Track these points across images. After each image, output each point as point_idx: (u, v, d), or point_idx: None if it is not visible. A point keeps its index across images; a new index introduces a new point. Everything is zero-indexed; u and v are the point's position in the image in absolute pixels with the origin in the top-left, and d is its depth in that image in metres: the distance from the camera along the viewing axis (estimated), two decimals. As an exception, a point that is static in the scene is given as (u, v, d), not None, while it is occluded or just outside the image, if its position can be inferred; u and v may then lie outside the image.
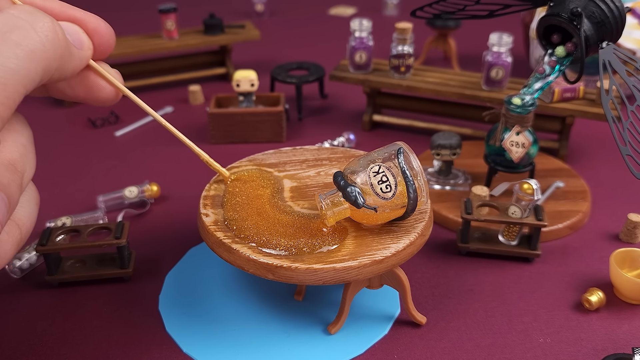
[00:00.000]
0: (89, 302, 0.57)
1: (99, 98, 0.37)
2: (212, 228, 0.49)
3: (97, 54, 0.37)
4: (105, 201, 0.71)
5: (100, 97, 0.37)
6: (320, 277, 0.45)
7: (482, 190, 0.67)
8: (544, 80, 0.63)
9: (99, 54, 0.37)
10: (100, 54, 0.37)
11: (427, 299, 0.58)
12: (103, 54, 0.37)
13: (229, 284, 0.59)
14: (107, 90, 0.37)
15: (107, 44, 0.37)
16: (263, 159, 0.59)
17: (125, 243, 0.58)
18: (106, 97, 0.37)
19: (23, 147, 0.32)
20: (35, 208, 0.34)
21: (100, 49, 0.36)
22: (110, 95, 0.38)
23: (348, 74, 0.88)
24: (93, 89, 0.37)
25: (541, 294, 0.58)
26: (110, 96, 0.38)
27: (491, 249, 0.63)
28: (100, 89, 0.37)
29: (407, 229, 0.49)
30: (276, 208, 0.51)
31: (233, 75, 0.87)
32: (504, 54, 0.80)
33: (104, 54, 0.37)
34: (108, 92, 0.37)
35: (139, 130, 0.92)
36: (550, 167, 0.77)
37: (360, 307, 0.56)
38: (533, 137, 0.66)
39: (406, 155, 0.47)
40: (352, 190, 0.45)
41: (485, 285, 0.60)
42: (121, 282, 0.60)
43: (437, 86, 0.84)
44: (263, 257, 0.45)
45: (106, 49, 0.37)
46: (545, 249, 0.65)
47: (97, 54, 0.37)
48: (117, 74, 0.38)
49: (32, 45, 0.29)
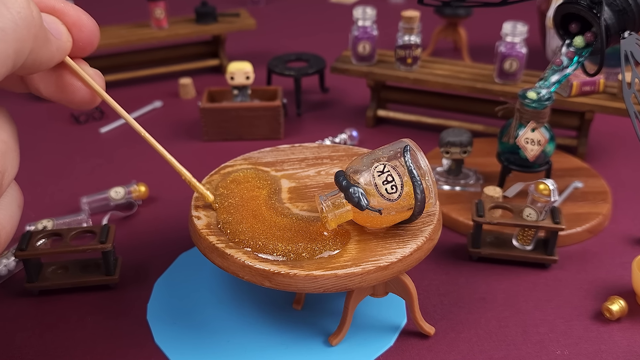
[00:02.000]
0: (71, 311, 0.57)
1: (73, 100, 0.36)
2: (205, 232, 0.49)
3: (76, 50, 0.35)
4: (89, 203, 0.71)
5: (75, 99, 0.36)
6: (321, 285, 0.45)
7: (494, 191, 0.67)
8: (561, 73, 0.63)
9: (78, 51, 0.36)
10: (80, 51, 0.36)
11: (436, 308, 0.58)
12: (83, 51, 0.36)
13: (223, 292, 0.59)
14: (82, 93, 0.36)
15: (88, 39, 0.35)
16: (259, 157, 0.59)
17: (110, 248, 0.58)
18: (81, 100, 0.36)
19: (4, 144, 0.31)
20: (17, 211, 0.34)
21: (80, 44, 0.35)
22: (85, 98, 0.36)
23: (350, 66, 0.88)
24: (67, 90, 0.36)
25: (558, 303, 0.58)
26: (85, 99, 0.36)
27: (504, 254, 0.63)
28: (75, 90, 0.36)
29: (414, 233, 0.49)
30: (273, 210, 0.51)
31: (227, 68, 0.87)
32: (518, 44, 0.80)
33: (84, 51, 0.36)
34: (83, 95, 0.36)
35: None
36: (568, 166, 0.77)
37: (364, 316, 0.56)
38: (549, 134, 0.66)
39: (413, 154, 0.47)
40: (354, 191, 0.46)
41: (498, 293, 0.60)
42: (107, 290, 0.60)
43: (447, 79, 0.84)
44: (259, 263, 0.45)
45: (87, 46, 0.36)
46: (563, 254, 0.65)
47: (76, 51, 0.35)
48: (97, 75, 0.37)
49: (2, 23, 0.28)
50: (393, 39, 0.89)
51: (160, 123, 0.93)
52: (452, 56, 1.14)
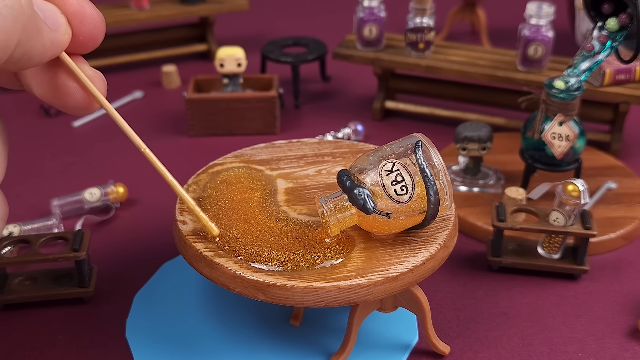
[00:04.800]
0: (41, 328, 0.57)
1: (67, 104, 0.35)
2: (191, 238, 0.49)
3: (76, 45, 0.34)
4: (61, 205, 0.71)
5: (69, 102, 0.35)
6: (322, 298, 0.45)
7: (517, 192, 0.67)
8: (592, 60, 0.63)
9: (77, 46, 0.34)
10: (80, 46, 0.34)
11: (451, 324, 0.58)
12: (83, 47, 0.34)
13: (211, 306, 0.59)
14: (78, 96, 0.35)
15: (90, 33, 0.34)
16: (252, 154, 0.59)
17: (85, 256, 0.58)
18: (75, 104, 0.35)
19: None
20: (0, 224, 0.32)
21: (80, 39, 0.34)
22: (81, 102, 0.35)
23: (355, 51, 0.88)
24: (61, 91, 0.34)
25: (589, 319, 0.58)
26: (80, 103, 0.35)
27: (529, 263, 0.63)
28: (70, 93, 0.35)
29: (427, 240, 0.49)
30: (268, 214, 0.51)
31: (216, 54, 0.87)
32: (544, 27, 0.80)
33: (85, 46, 0.34)
34: (78, 99, 0.35)
35: (101, 120, 0.92)
36: (600, 164, 0.77)
37: (370, 334, 0.56)
38: (579, 128, 0.66)
39: (426, 150, 0.47)
40: (360, 192, 0.45)
41: (521, 307, 0.60)
42: (80, 303, 0.60)
43: (463, 66, 0.84)
44: (252, 274, 0.45)
45: (88, 41, 0.34)
46: (594, 264, 0.65)
47: (75, 46, 0.34)
48: (97, 77, 0.36)
49: None
50: (403, 21, 0.89)
51: (140, 116, 0.93)
52: (469, 40, 1.14)
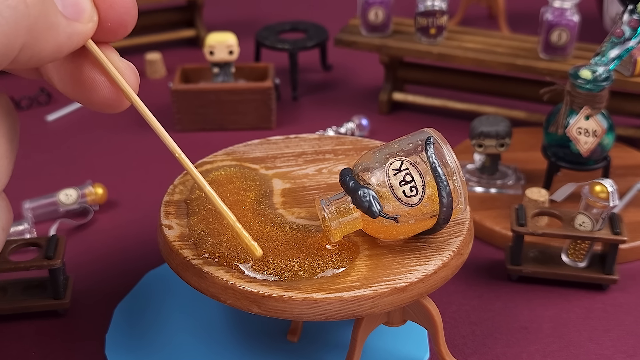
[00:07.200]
0: (11, 343, 0.57)
1: (92, 100, 0.34)
2: (177, 245, 0.49)
3: (103, 33, 0.33)
4: (33, 209, 0.71)
5: (95, 98, 0.34)
6: (323, 311, 0.45)
7: (539, 193, 0.67)
8: (622, 47, 0.63)
9: (105, 34, 0.33)
10: (108, 34, 0.33)
11: (466, 339, 0.58)
12: (112, 35, 0.33)
13: (200, 320, 0.59)
14: (105, 92, 0.34)
15: (121, 20, 0.33)
16: (245, 151, 0.59)
17: (60, 265, 0.58)
18: (102, 100, 0.34)
19: None
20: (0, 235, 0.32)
21: (108, 25, 0.33)
22: (109, 98, 0.34)
23: (359, 37, 0.88)
24: (86, 86, 0.33)
25: (619, 334, 0.58)
26: (107, 100, 0.34)
27: (552, 272, 0.63)
28: (96, 88, 0.33)
29: (439, 246, 0.49)
30: (262, 218, 0.51)
31: (205, 40, 0.87)
32: (568, 10, 0.80)
33: (114, 34, 0.33)
34: (106, 94, 0.34)
35: (78, 114, 0.92)
36: (630, 162, 0.77)
37: (376, 350, 0.56)
38: (608, 123, 0.66)
39: (437, 147, 0.47)
40: (365, 193, 0.45)
41: (543, 321, 0.60)
42: (55, 317, 0.60)
43: (479, 54, 0.84)
44: (245, 284, 0.45)
45: (118, 28, 0.33)
46: (625, 273, 0.65)
47: (102, 33, 0.33)
48: (129, 69, 0.35)
49: None
50: (412, 4, 0.89)
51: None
52: (486, 25, 1.14)
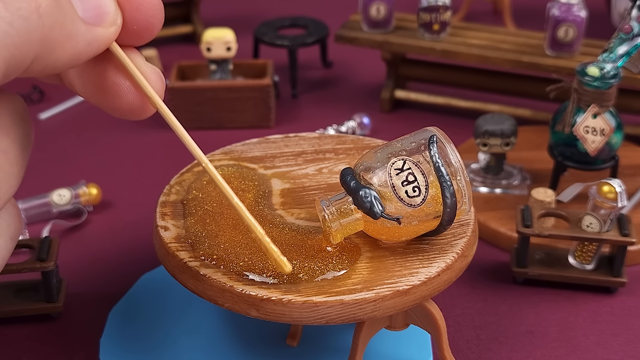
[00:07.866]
0: (3, 348, 0.57)
1: (116, 106, 0.33)
2: (174, 246, 0.49)
3: (128, 35, 0.32)
4: (25, 209, 0.71)
5: (119, 105, 0.33)
6: (323, 315, 0.45)
7: (545, 194, 0.67)
8: (631, 43, 0.63)
9: (130, 37, 0.32)
10: (133, 37, 0.32)
11: (470, 344, 0.58)
12: (137, 38, 0.32)
13: (197, 324, 0.59)
14: (129, 98, 0.33)
15: (147, 23, 0.32)
16: (243, 151, 0.59)
17: (53, 267, 0.58)
18: (126, 107, 0.33)
19: (3, 155, 0.29)
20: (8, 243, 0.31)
21: (134, 28, 0.32)
22: (134, 105, 0.33)
23: (361, 33, 0.88)
24: (109, 92, 0.33)
25: (627, 338, 0.58)
26: (132, 106, 0.33)
27: (558, 275, 0.63)
28: (121, 94, 0.33)
29: (443, 248, 0.49)
30: (261, 219, 0.51)
31: (202, 36, 0.87)
32: (575, 6, 0.80)
33: (140, 37, 0.33)
34: (130, 101, 0.33)
35: (72, 112, 0.92)
36: (639, 161, 0.77)
37: (378, 355, 0.56)
38: (616, 121, 0.66)
39: (441, 146, 0.47)
40: (366, 194, 0.45)
41: (550, 325, 0.60)
42: (48, 320, 0.60)
43: (484, 51, 0.84)
44: (243, 287, 0.45)
45: (143, 31, 0.32)
46: (633, 276, 0.65)
47: (126, 36, 0.32)
48: (155, 74, 0.34)
49: None
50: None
51: (116, 107, 0.93)
52: (490, 21, 1.14)
